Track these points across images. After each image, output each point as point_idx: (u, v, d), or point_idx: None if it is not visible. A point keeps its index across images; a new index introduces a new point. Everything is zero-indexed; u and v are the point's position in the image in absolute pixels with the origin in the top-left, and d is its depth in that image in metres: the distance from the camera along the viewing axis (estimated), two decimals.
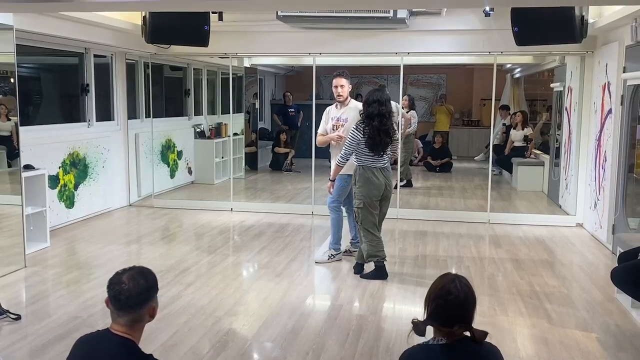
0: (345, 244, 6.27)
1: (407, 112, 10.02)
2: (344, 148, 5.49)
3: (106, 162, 8.14)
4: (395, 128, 5.68)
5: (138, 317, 2.32)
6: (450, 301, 2.25)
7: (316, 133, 6.25)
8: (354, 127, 5.44)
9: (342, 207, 6.08)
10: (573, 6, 5.67)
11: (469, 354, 2.26)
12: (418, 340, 2.34)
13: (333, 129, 5.92)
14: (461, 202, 9.26)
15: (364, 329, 4.31)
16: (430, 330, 2.33)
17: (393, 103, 9.13)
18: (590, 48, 7.39)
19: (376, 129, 5.32)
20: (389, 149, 5.47)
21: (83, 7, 5.13)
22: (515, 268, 5.87)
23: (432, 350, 2.27)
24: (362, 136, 5.35)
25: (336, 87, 5.86)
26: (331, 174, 5.76)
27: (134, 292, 2.28)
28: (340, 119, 5.90)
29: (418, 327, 2.29)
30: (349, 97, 5.96)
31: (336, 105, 6.00)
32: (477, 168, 12.80)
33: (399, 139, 5.74)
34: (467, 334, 2.27)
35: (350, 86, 5.96)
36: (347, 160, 5.50)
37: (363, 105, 5.44)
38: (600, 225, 6.91)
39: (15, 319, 4.37)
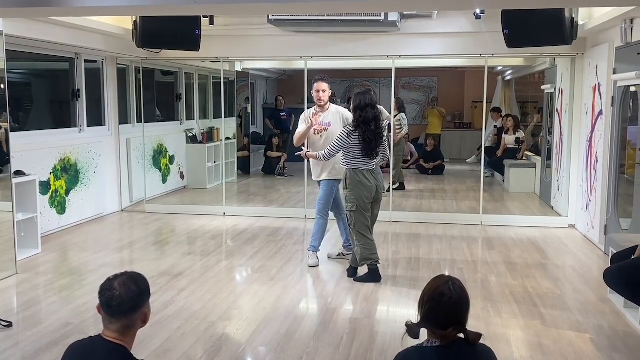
0: (338, 248, 6.31)
1: (395, 116, 10.01)
2: (329, 147, 5.47)
3: (98, 167, 8.11)
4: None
5: (130, 323, 2.30)
6: (444, 303, 2.24)
7: None
8: (345, 132, 5.41)
9: (329, 212, 6.09)
10: (563, 8, 5.70)
11: (463, 356, 2.26)
12: (412, 342, 2.33)
13: (315, 133, 5.92)
14: (454, 204, 9.28)
15: (358, 332, 4.30)
16: (424, 333, 2.32)
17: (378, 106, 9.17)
18: (580, 50, 7.43)
19: (373, 132, 5.33)
20: (380, 152, 5.47)
21: (73, 12, 5.11)
22: (509, 270, 5.88)
23: (426, 352, 2.26)
24: (351, 141, 5.34)
25: (318, 91, 5.86)
26: (311, 154, 5.72)
27: (126, 298, 2.26)
28: (322, 123, 5.89)
29: (412, 330, 2.28)
30: (329, 102, 5.97)
31: (315, 109, 5.99)
32: (469, 170, 12.83)
33: (387, 140, 5.75)
34: (461, 335, 2.27)
35: (331, 91, 5.97)
36: (329, 159, 5.53)
37: (355, 111, 5.39)
38: (592, 226, 6.93)
39: (7, 326, 4.34)
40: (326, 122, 5.89)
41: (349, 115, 5.71)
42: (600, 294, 5.11)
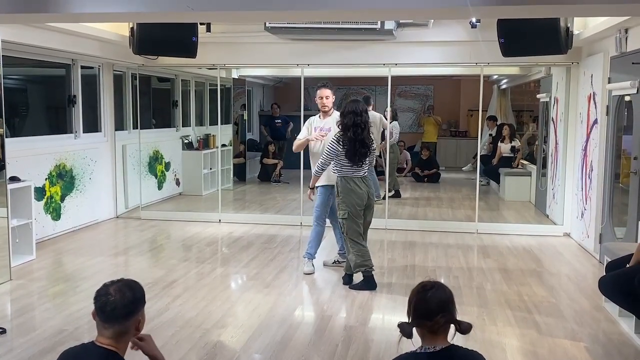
0: (333, 256, 6.31)
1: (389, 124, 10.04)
2: (321, 158, 5.54)
3: (93, 173, 8.09)
4: (373, 138, 5.71)
5: (124, 330, 2.30)
6: (427, 292, 2.38)
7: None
8: (334, 138, 5.48)
9: (326, 219, 6.09)
10: (558, 17, 5.73)
11: None
12: (409, 347, 2.35)
13: (316, 139, 5.95)
14: (449, 212, 9.29)
15: (353, 340, 4.30)
16: (419, 341, 2.34)
17: (377, 114, 9.18)
18: (575, 59, 7.47)
19: (352, 140, 5.37)
20: (367, 159, 5.50)
21: (70, 18, 5.12)
22: (504, 278, 5.88)
23: (420, 358, 2.31)
24: (341, 148, 5.39)
25: (321, 98, 5.93)
26: (310, 182, 5.78)
27: (120, 304, 2.27)
28: (323, 129, 5.94)
29: (404, 329, 2.36)
30: (333, 108, 6.00)
31: (319, 116, 6.05)
32: (465, 178, 12.86)
33: (377, 149, 5.81)
34: (452, 340, 2.30)
35: (334, 97, 6.01)
36: (324, 169, 5.55)
37: (340, 117, 5.48)
38: (587, 235, 6.95)
39: (1, 333, 4.32)
40: (326, 127, 5.92)
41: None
42: (595, 302, 5.12)
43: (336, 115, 6.01)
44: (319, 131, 5.93)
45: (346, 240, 5.52)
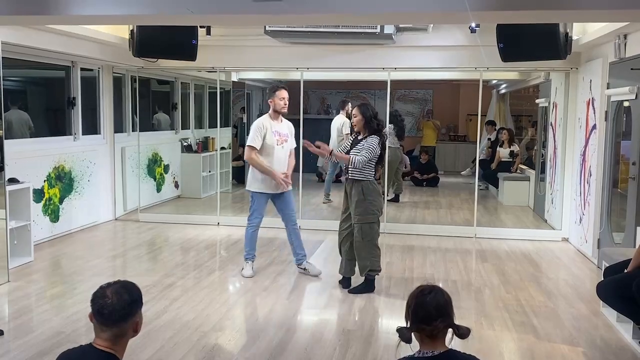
0: (331, 260, 6.30)
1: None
2: (364, 155, 5.23)
3: (92, 175, 8.09)
4: None
5: (121, 332, 2.30)
6: (426, 296, 2.38)
7: (303, 148, 5.94)
8: (374, 141, 5.32)
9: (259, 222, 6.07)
10: (557, 23, 5.74)
11: None
12: (407, 352, 2.35)
13: (277, 144, 5.80)
14: (448, 216, 9.29)
15: (351, 344, 4.29)
16: (417, 345, 2.35)
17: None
18: (574, 64, 7.48)
19: (383, 144, 5.45)
20: None
21: (70, 20, 5.13)
22: (502, 282, 5.88)
23: None
24: (379, 151, 5.36)
25: (283, 98, 5.80)
26: (336, 156, 5.50)
27: (118, 307, 2.26)
28: (282, 134, 5.85)
29: (403, 334, 2.36)
30: None
31: (270, 116, 5.87)
32: (464, 183, 12.86)
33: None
34: (450, 338, 2.33)
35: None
36: (358, 168, 5.25)
37: (372, 120, 5.35)
38: (585, 240, 6.95)
39: None
40: (284, 132, 5.87)
41: (292, 127, 5.97)
42: (593, 308, 5.12)
43: (286, 121, 5.97)
44: (280, 139, 5.82)
45: (364, 246, 5.38)
